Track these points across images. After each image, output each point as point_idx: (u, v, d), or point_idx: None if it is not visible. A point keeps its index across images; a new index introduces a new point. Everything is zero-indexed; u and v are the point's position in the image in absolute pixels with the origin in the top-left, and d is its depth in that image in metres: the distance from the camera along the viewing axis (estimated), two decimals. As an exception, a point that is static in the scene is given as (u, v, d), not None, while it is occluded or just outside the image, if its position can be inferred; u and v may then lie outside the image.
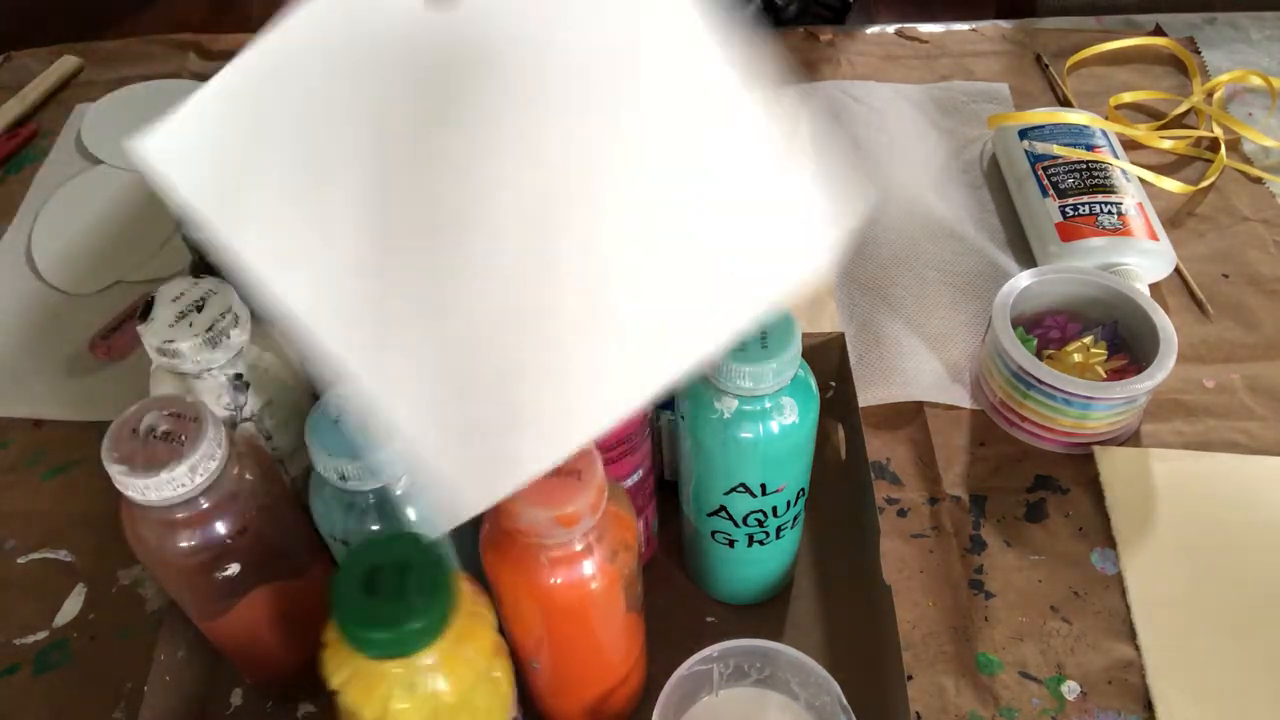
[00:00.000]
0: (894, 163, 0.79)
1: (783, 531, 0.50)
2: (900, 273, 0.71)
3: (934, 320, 0.68)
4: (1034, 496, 0.59)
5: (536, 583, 0.40)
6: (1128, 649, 0.53)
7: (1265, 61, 0.86)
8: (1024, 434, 0.61)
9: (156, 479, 0.39)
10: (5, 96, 0.89)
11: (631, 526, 0.42)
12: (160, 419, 0.40)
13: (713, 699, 0.49)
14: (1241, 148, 0.79)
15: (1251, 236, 0.73)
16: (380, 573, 0.36)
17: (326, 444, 0.39)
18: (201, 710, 0.52)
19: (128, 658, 0.54)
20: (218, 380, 0.46)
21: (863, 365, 0.65)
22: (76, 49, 0.94)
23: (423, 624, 0.35)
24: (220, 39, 0.94)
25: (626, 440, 0.47)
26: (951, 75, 0.87)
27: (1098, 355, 0.61)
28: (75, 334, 0.70)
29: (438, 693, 0.37)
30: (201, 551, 0.42)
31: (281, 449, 0.50)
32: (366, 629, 0.35)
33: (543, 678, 0.47)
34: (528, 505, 0.38)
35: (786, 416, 0.44)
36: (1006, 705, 0.51)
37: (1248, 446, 0.61)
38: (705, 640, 0.47)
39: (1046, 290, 0.63)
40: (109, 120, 0.87)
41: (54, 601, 0.57)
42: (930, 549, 0.57)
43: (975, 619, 0.54)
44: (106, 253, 0.76)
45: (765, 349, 0.42)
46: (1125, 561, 0.56)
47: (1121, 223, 0.68)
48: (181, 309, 0.45)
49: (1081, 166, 0.72)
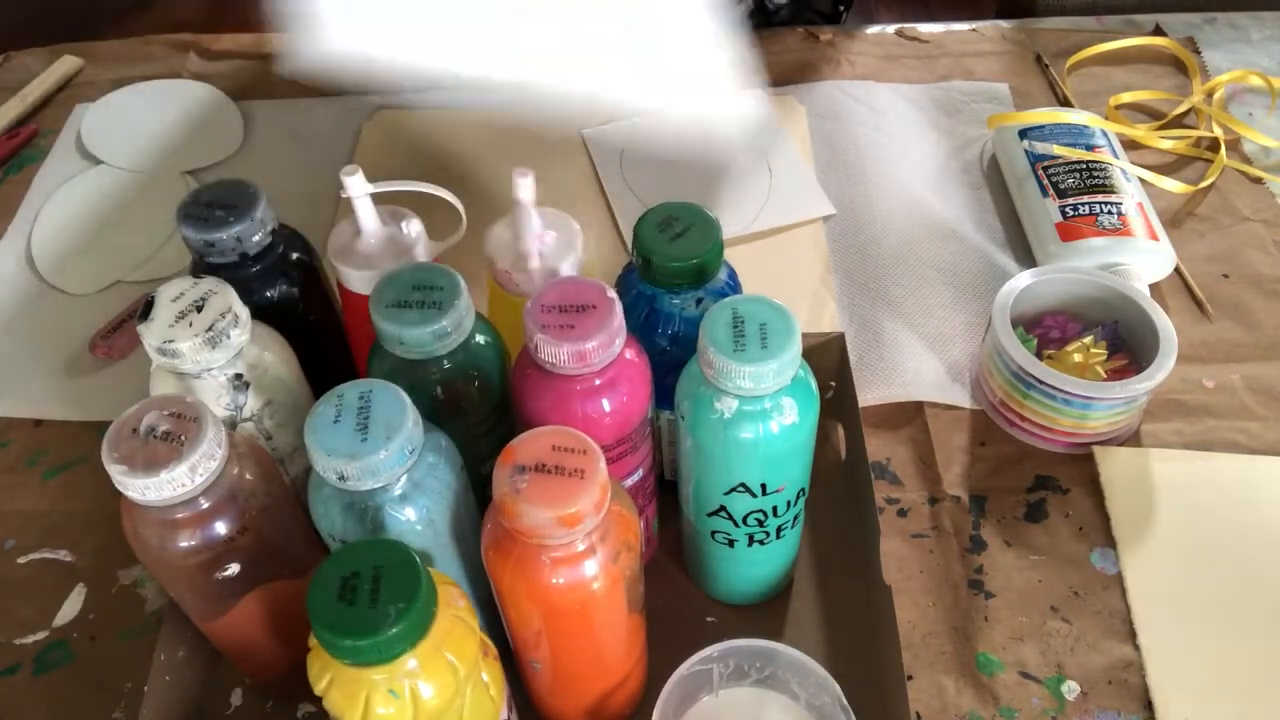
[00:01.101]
0: (894, 163, 0.79)
1: (783, 531, 0.50)
2: (900, 273, 0.71)
3: (934, 320, 0.68)
4: (1034, 496, 0.59)
5: (538, 583, 0.40)
6: (1128, 649, 0.53)
7: (1265, 61, 0.86)
8: (1024, 434, 0.61)
9: (156, 479, 0.39)
10: (5, 96, 0.89)
11: (634, 527, 0.42)
12: (160, 419, 0.40)
13: (713, 699, 0.49)
14: (1241, 148, 0.79)
15: (1251, 236, 0.73)
16: (355, 579, 0.36)
17: (326, 444, 0.39)
18: (201, 710, 0.52)
19: (128, 658, 0.54)
20: (218, 380, 0.46)
21: (863, 365, 0.65)
22: (76, 49, 0.94)
23: (400, 629, 0.35)
24: (220, 39, 0.94)
25: (626, 440, 0.47)
26: (951, 75, 0.87)
27: (1098, 355, 0.61)
28: (75, 334, 0.70)
29: (421, 697, 0.37)
30: (201, 551, 0.42)
31: (281, 449, 0.50)
32: (342, 636, 0.35)
33: (543, 678, 0.47)
34: (530, 505, 0.38)
35: (786, 416, 0.44)
36: (1006, 705, 0.51)
37: (1248, 446, 0.61)
38: (705, 640, 0.47)
39: (1046, 290, 0.63)
40: (109, 120, 0.87)
41: (54, 601, 0.57)
42: (930, 549, 0.57)
43: (975, 619, 0.54)
44: (106, 253, 0.76)
45: (765, 349, 0.42)
46: (1125, 561, 0.56)
47: (1121, 223, 0.68)
48: (181, 309, 0.45)
49: (1081, 166, 0.72)
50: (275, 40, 0.93)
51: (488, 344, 0.48)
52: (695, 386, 0.45)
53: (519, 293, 0.51)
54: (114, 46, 0.95)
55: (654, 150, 0.81)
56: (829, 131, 0.82)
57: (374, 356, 0.47)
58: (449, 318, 0.44)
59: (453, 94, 0.87)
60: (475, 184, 0.80)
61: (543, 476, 0.38)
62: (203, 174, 0.82)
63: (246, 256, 0.50)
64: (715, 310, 0.44)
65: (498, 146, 0.83)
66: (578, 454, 0.39)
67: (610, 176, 0.80)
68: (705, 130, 0.83)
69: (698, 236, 0.49)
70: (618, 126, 0.83)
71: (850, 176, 0.78)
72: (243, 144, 0.84)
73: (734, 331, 0.43)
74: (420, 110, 0.86)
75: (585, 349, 0.43)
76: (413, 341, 0.44)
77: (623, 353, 0.45)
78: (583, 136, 0.83)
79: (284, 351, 0.50)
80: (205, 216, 0.49)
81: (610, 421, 0.45)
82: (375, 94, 0.88)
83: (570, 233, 0.52)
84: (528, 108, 0.86)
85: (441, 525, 0.43)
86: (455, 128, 0.84)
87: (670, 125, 0.83)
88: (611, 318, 0.43)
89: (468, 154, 0.82)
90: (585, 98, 0.86)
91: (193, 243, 0.50)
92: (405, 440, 0.40)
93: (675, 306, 0.50)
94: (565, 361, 0.43)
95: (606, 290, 0.44)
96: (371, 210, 0.51)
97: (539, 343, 0.43)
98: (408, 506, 0.41)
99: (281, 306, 0.52)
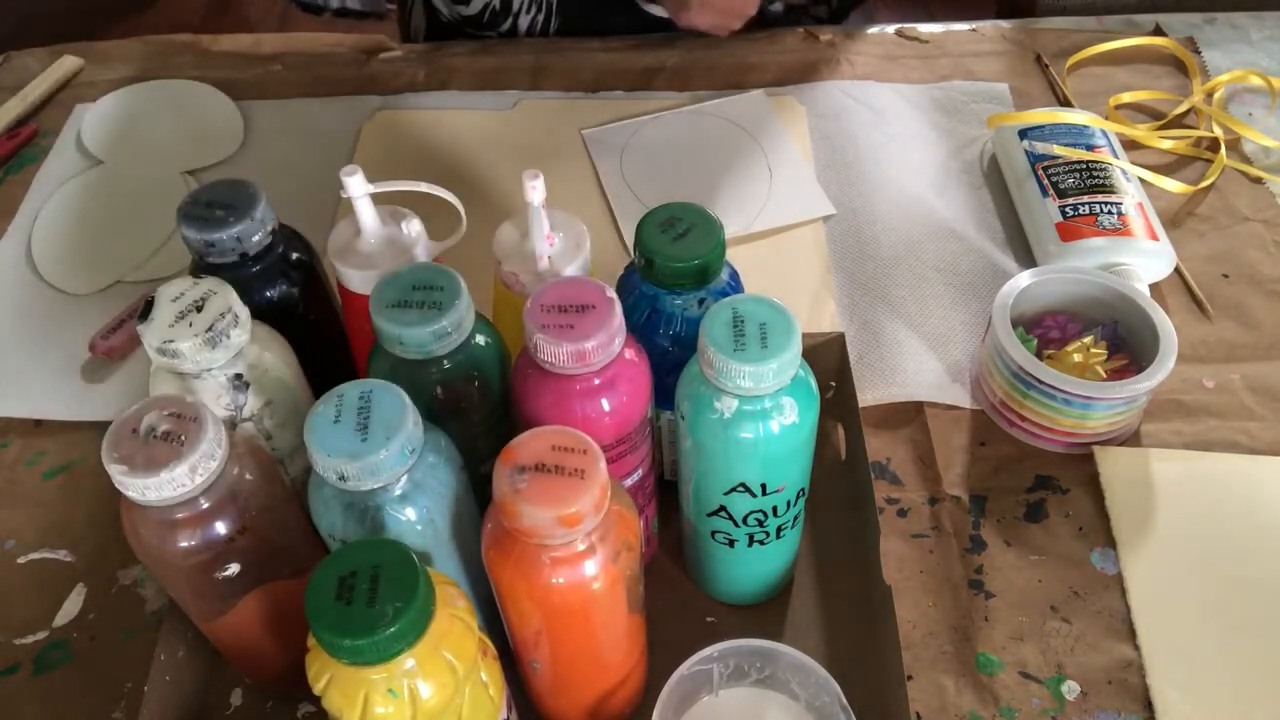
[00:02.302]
0: (894, 163, 0.79)
1: (783, 531, 0.50)
2: (900, 273, 0.71)
3: (934, 320, 0.68)
4: (1034, 496, 0.59)
5: (538, 583, 0.40)
6: (1128, 649, 0.53)
7: (1265, 61, 0.86)
8: (1024, 434, 0.61)
9: (156, 479, 0.39)
10: (5, 96, 0.89)
11: (634, 527, 0.42)
12: (160, 419, 0.40)
13: (713, 699, 0.49)
14: (1241, 148, 0.79)
15: (1251, 236, 0.73)
16: (354, 579, 0.36)
17: (326, 444, 0.39)
18: (201, 710, 0.52)
19: (128, 658, 0.54)
20: (218, 380, 0.46)
21: (863, 365, 0.65)
22: (76, 49, 0.94)
23: (398, 628, 0.35)
24: (220, 39, 0.94)
25: (626, 440, 0.47)
26: (951, 75, 0.87)
27: (1098, 355, 0.61)
28: (75, 334, 0.70)
29: (420, 697, 0.37)
30: (201, 551, 0.42)
31: (281, 449, 0.50)
32: (341, 636, 0.35)
33: (543, 677, 0.47)
34: (530, 505, 0.38)
35: (786, 416, 0.44)
36: (1006, 705, 0.51)
37: (1248, 446, 0.61)
38: (705, 640, 0.47)
39: (1046, 290, 0.63)
40: (109, 120, 0.87)
41: (54, 601, 0.57)
42: (930, 549, 0.57)
43: (975, 619, 0.54)
44: (106, 253, 0.76)
45: (765, 349, 0.42)
46: (1125, 561, 0.56)
47: (1121, 223, 0.68)
48: (181, 309, 0.45)
49: (1081, 166, 0.72)
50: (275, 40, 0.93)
51: (488, 344, 0.48)
52: (695, 386, 0.45)
53: (526, 294, 0.51)
54: (114, 46, 0.95)
55: (654, 150, 0.81)
56: (829, 131, 0.82)
57: (374, 356, 0.47)
58: (449, 318, 0.44)
59: (453, 94, 0.87)
60: (475, 184, 0.80)
61: (543, 476, 0.38)
62: (203, 174, 0.82)
63: (246, 256, 0.50)
64: (715, 310, 0.44)
65: (498, 146, 0.83)
66: (578, 454, 0.39)
67: (610, 176, 0.80)
68: (705, 130, 0.83)
69: (700, 237, 0.49)
70: (618, 127, 0.83)
71: (850, 176, 0.78)
72: (243, 144, 0.84)
73: (734, 331, 0.43)
74: (420, 110, 0.86)
75: (585, 349, 0.43)
76: (413, 341, 0.44)
77: (622, 352, 0.45)
78: (583, 136, 0.83)
79: (284, 351, 0.50)
80: (205, 216, 0.49)
81: (610, 421, 0.45)
82: (375, 94, 0.88)
83: (577, 234, 0.52)
84: (527, 108, 0.86)
85: (441, 525, 0.43)
86: (455, 128, 0.84)
87: (670, 126, 0.83)
88: (611, 317, 0.43)
89: (468, 154, 0.82)
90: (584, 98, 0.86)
91: (193, 243, 0.50)
92: (405, 440, 0.40)
93: (677, 307, 0.50)
94: (565, 361, 0.43)
95: (606, 290, 0.44)
96: (371, 210, 0.51)
97: (538, 342, 0.43)
98: (408, 506, 0.41)
99: (281, 306, 0.52)
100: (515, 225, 0.52)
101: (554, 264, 0.51)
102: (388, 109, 0.86)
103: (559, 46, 0.91)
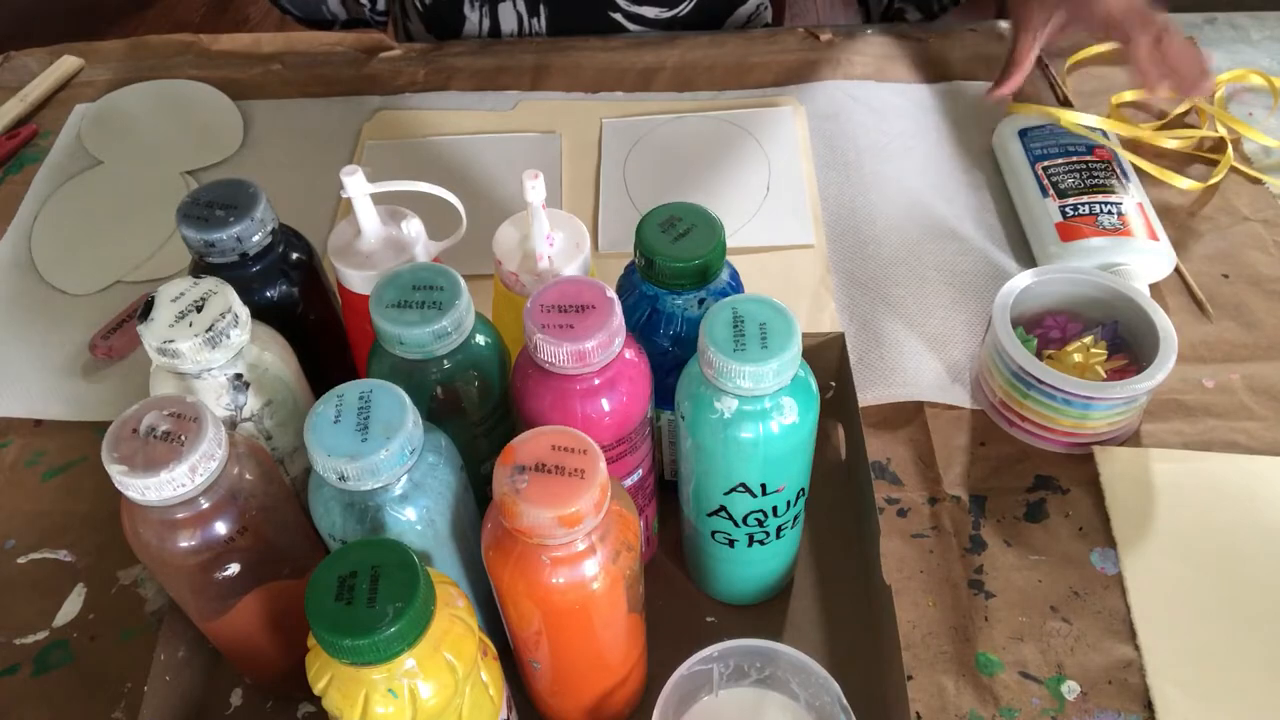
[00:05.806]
0: (894, 163, 0.79)
1: (783, 531, 0.50)
2: (900, 273, 0.71)
3: (934, 320, 0.68)
4: (1034, 496, 0.59)
5: (538, 583, 0.40)
6: (1128, 649, 0.53)
7: (1265, 61, 0.86)
8: (1024, 434, 0.61)
9: (156, 479, 0.39)
10: (5, 96, 0.89)
11: (634, 527, 0.42)
12: (160, 419, 0.40)
13: (713, 699, 0.49)
14: (1242, 147, 0.79)
15: (1251, 236, 0.73)
16: (353, 579, 0.36)
17: (326, 444, 0.39)
18: (201, 710, 0.52)
19: (128, 658, 0.54)
20: (218, 380, 0.46)
21: (863, 365, 0.65)
22: (76, 49, 0.94)
23: (398, 629, 0.35)
24: (220, 39, 0.94)
25: (626, 440, 0.47)
26: (951, 75, 0.87)
27: (1098, 355, 0.61)
28: (75, 334, 0.70)
29: (420, 697, 0.37)
30: (201, 551, 0.42)
31: (281, 449, 0.50)
32: (340, 636, 0.35)
33: (543, 677, 0.47)
34: (530, 505, 0.38)
35: (786, 416, 0.44)
36: (1006, 705, 0.51)
37: (1248, 446, 0.61)
38: (705, 640, 0.47)
39: (1046, 290, 0.63)
40: (109, 120, 0.87)
41: (54, 601, 0.57)
42: (930, 549, 0.57)
43: (975, 619, 0.54)
44: (106, 253, 0.76)
45: (765, 349, 0.42)
46: (1125, 561, 0.56)
47: (1121, 223, 0.68)
48: (181, 309, 0.45)
49: (1081, 166, 0.72)
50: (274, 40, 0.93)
51: (488, 344, 0.48)
52: (695, 386, 0.45)
53: (526, 294, 0.51)
54: (114, 46, 0.95)
55: (663, 150, 0.81)
56: (829, 131, 0.82)
57: (374, 356, 0.47)
58: (449, 318, 0.44)
59: (453, 95, 0.87)
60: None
61: (543, 476, 0.38)
62: (203, 174, 0.82)
63: (246, 256, 0.50)
64: (715, 310, 0.44)
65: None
66: (578, 454, 0.39)
67: (611, 169, 0.79)
68: (720, 138, 0.82)
69: (700, 237, 0.49)
70: (639, 121, 0.83)
71: (850, 176, 0.78)
72: (243, 144, 0.84)
73: (734, 331, 0.43)
74: (420, 110, 0.86)
75: (584, 349, 0.43)
76: (413, 341, 0.44)
77: (622, 352, 0.45)
78: (601, 123, 0.83)
79: (284, 351, 0.50)
80: (205, 216, 0.49)
81: (610, 421, 0.45)
82: (375, 94, 0.88)
83: (577, 234, 0.52)
84: (528, 108, 0.86)
85: (441, 525, 0.43)
86: (455, 128, 0.84)
87: (689, 128, 0.83)
88: (611, 317, 0.43)
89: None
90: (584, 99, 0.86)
91: (193, 243, 0.50)
92: (405, 440, 0.40)
93: (678, 307, 0.50)
94: (564, 361, 0.43)
95: (606, 290, 0.44)
96: (371, 210, 0.51)
97: (538, 342, 0.43)
98: (408, 506, 0.41)
99: (281, 306, 0.52)
100: (515, 225, 0.52)
101: (554, 264, 0.51)
102: (388, 109, 0.86)
103: (559, 46, 0.91)
